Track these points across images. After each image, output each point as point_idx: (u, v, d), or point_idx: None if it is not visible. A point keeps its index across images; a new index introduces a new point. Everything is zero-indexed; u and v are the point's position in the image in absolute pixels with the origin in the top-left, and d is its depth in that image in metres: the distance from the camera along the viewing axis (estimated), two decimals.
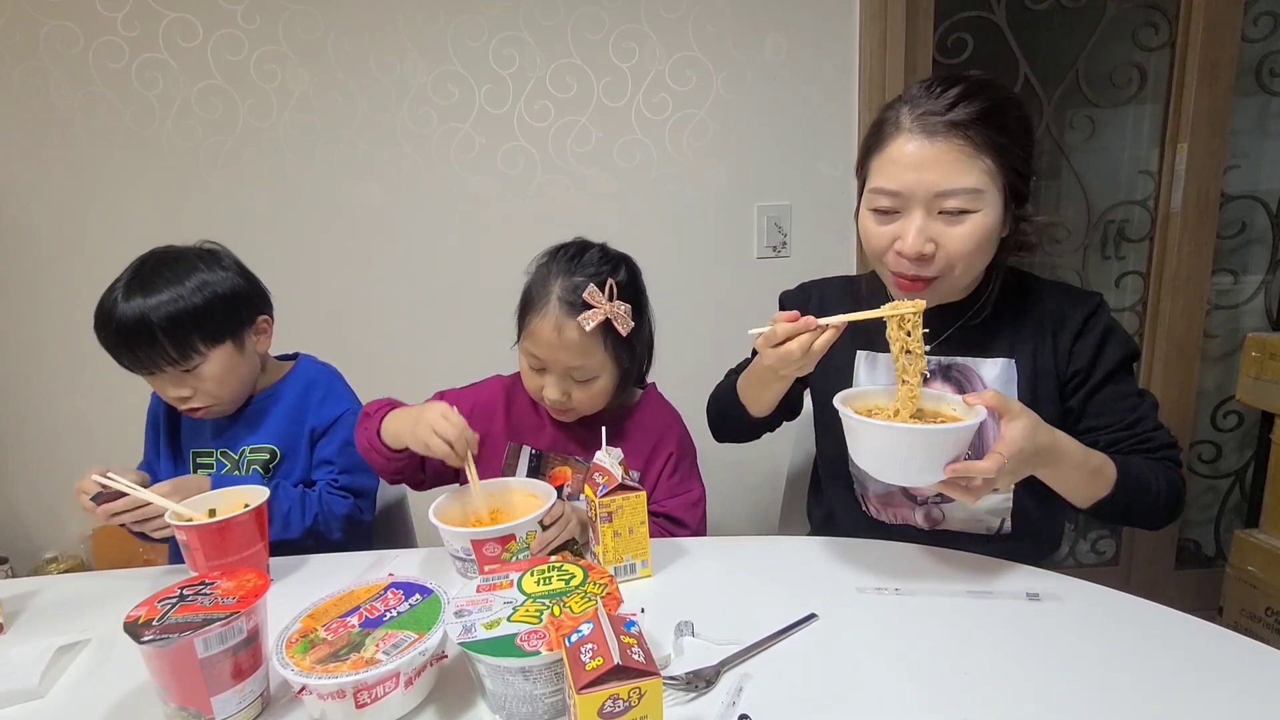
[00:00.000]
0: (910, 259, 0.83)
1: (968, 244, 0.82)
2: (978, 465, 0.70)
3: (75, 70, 1.57)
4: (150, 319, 0.96)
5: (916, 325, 0.78)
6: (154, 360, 0.98)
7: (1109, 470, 0.81)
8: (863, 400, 0.84)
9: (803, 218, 1.73)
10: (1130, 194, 1.83)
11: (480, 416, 1.09)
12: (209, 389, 1.02)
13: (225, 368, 1.03)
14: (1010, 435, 0.72)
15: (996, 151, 0.80)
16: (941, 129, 0.80)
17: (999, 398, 0.73)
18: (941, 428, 0.74)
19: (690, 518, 1.04)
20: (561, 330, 0.94)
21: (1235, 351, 1.85)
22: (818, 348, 0.80)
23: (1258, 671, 0.64)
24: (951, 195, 0.80)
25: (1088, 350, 0.89)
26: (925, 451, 0.73)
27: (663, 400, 1.14)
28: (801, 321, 0.80)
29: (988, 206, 0.81)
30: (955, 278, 0.85)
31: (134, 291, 0.97)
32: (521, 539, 0.83)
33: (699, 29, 1.62)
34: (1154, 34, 1.71)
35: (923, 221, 0.82)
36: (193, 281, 1.00)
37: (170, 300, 0.97)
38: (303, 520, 1.01)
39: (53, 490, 1.76)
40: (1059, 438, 0.77)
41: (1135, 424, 0.88)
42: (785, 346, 0.80)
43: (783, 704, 0.62)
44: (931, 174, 0.80)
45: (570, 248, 1.02)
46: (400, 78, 1.61)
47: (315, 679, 0.57)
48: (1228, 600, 1.65)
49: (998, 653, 0.68)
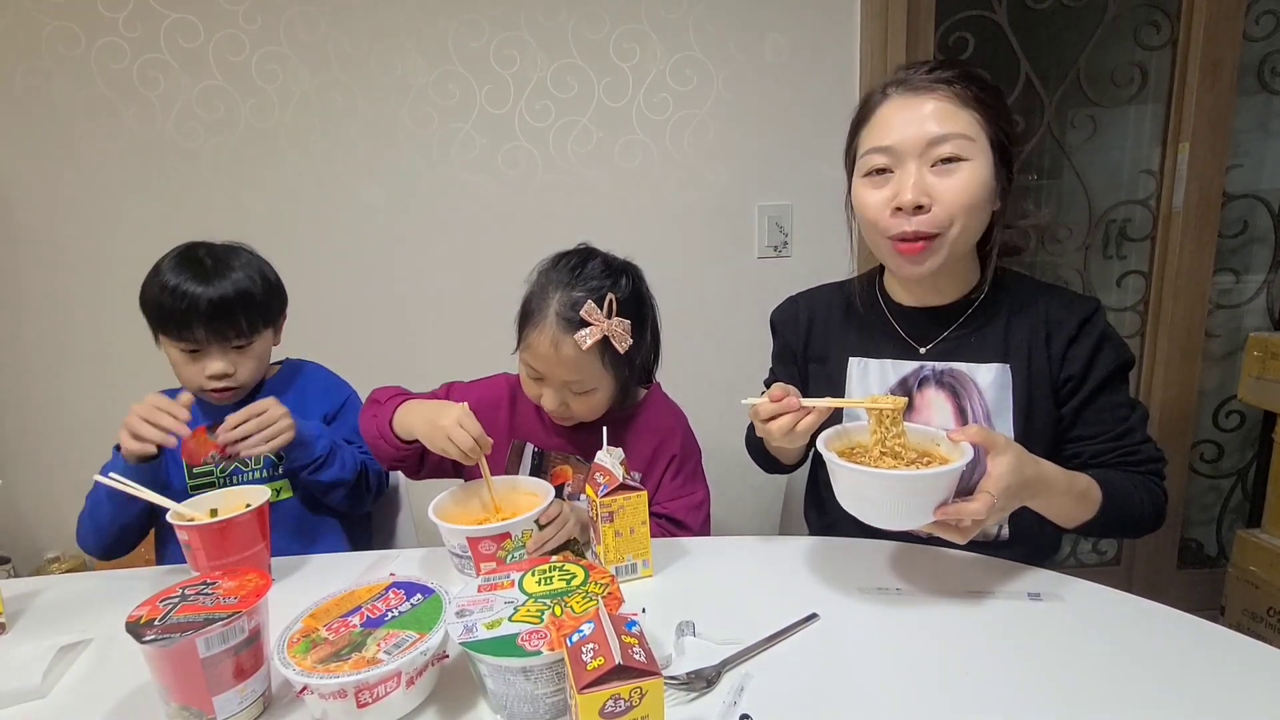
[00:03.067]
0: (909, 211, 0.84)
1: (963, 195, 0.82)
2: (968, 507, 0.70)
3: (77, 71, 1.57)
4: (232, 297, 1.04)
5: (897, 421, 0.77)
6: (224, 334, 1.04)
7: (1094, 493, 0.82)
8: (845, 439, 0.82)
9: (804, 217, 1.73)
10: (1132, 193, 1.83)
11: (485, 413, 1.09)
12: (250, 368, 1.09)
13: (265, 350, 1.12)
14: (997, 472, 0.71)
15: (980, 106, 0.83)
16: (926, 85, 0.84)
17: (983, 432, 0.72)
18: (929, 472, 0.71)
19: (692, 520, 1.04)
20: (558, 346, 0.94)
21: (1237, 351, 1.85)
22: (801, 429, 0.81)
23: (1259, 672, 0.64)
24: (944, 140, 0.82)
25: (1081, 356, 0.89)
26: (913, 496, 0.71)
27: (667, 401, 1.13)
28: (784, 403, 0.81)
29: (979, 156, 0.83)
30: (953, 238, 0.85)
31: (215, 274, 1.04)
32: (517, 537, 0.83)
33: (700, 29, 1.62)
34: (1155, 33, 1.70)
35: (917, 173, 0.83)
36: (253, 268, 1.09)
37: (245, 280, 1.06)
38: (354, 463, 1.11)
39: (55, 490, 1.76)
40: (1044, 468, 0.77)
41: (1123, 435, 0.88)
42: (769, 425, 0.83)
43: (784, 704, 0.62)
44: (922, 124, 0.83)
45: (572, 257, 1.00)
46: (401, 78, 1.62)
47: (317, 679, 0.57)
48: (1230, 600, 1.64)
49: (999, 653, 0.68)
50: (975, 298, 0.93)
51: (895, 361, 0.96)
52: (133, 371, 1.08)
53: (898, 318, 0.98)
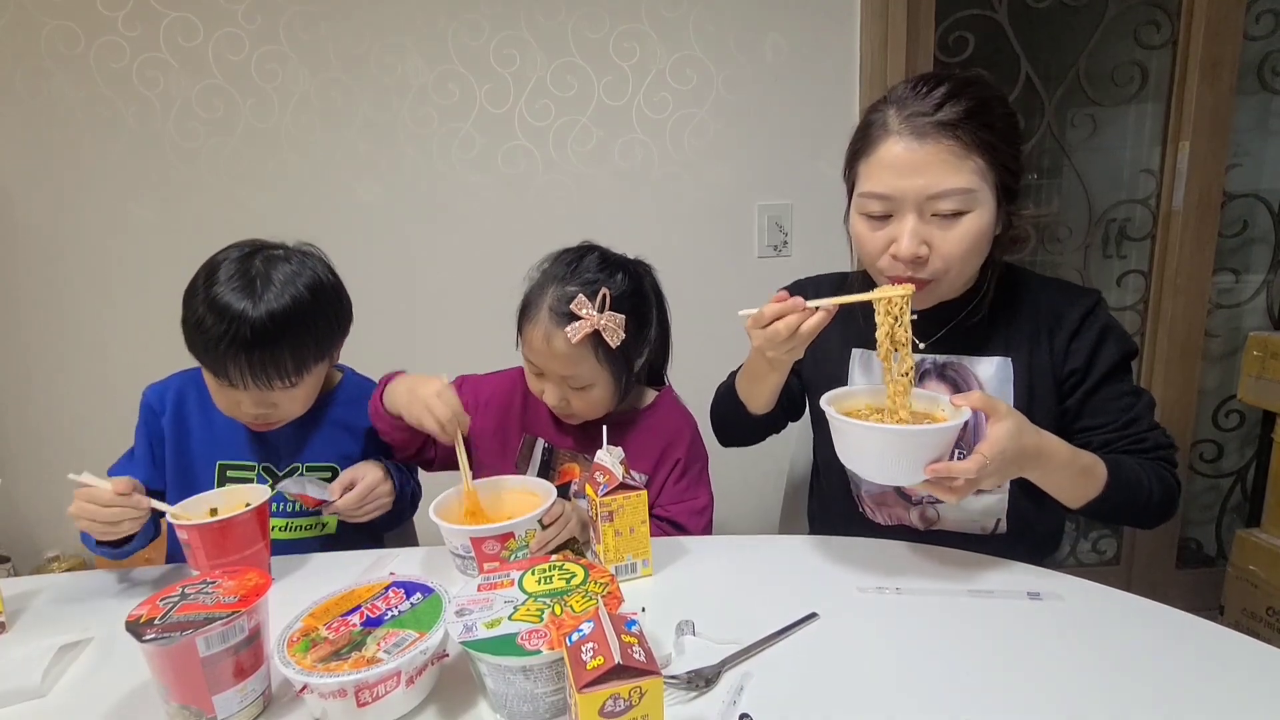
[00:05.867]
0: (905, 262, 0.83)
1: (961, 245, 0.81)
2: (959, 465, 0.71)
3: (76, 70, 1.57)
4: (279, 342, 0.87)
5: (904, 311, 0.78)
6: (268, 380, 0.89)
7: (1099, 470, 0.81)
8: (850, 400, 0.85)
9: (804, 217, 1.73)
10: (1132, 193, 1.83)
11: (497, 406, 1.09)
12: (293, 407, 0.96)
13: (316, 382, 0.97)
14: (994, 435, 0.72)
15: (986, 149, 0.79)
16: (930, 130, 0.79)
17: (985, 399, 0.73)
18: (922, 428, 0.74)
19: (694, 525, 1.04)
20: (550, 340, 0.94)
21: (1237, 351, 1.84)
22: (805, 330, 0.79)
23: (1259, 671, 0.64)
24: (944, 197, 0.80)
25: (1084, 349, 0.89)
26: (907, 451, 0.73)
27: (678, 405, 1.13)
28: (790, 302, 0.79)
29: (980, 206, 0.81)
30: (950, 279, 0.85)
31: (259, 296, 0.87)
32: (521, 537, 0.83)
33: (700, 28, 1.62)
34: (1155, 32, 1.70)
35: (915, 224, 0.81)
36: (312, 290, 0.92)
37: (298, 321, 0.89)
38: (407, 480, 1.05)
39: (54, 489, 1.76)
40: (1046, 439, 0.77)
41: (1130, 424, 0.88)
42: (773, 327, 0.79)
43: (783, 703, 0.62)
44: (922, 177, 0.79)
45: (570, 253, 1.00)
46: (401, 77, 1.62)
47: (316, 678, 0.57)
48: (1229, 600, 1.64)
49: (998, 653, 0.68)
50: (976, 292, 0.93)
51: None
52: (133, 371, 1.08)
53: None
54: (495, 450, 1.09)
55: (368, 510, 0.96)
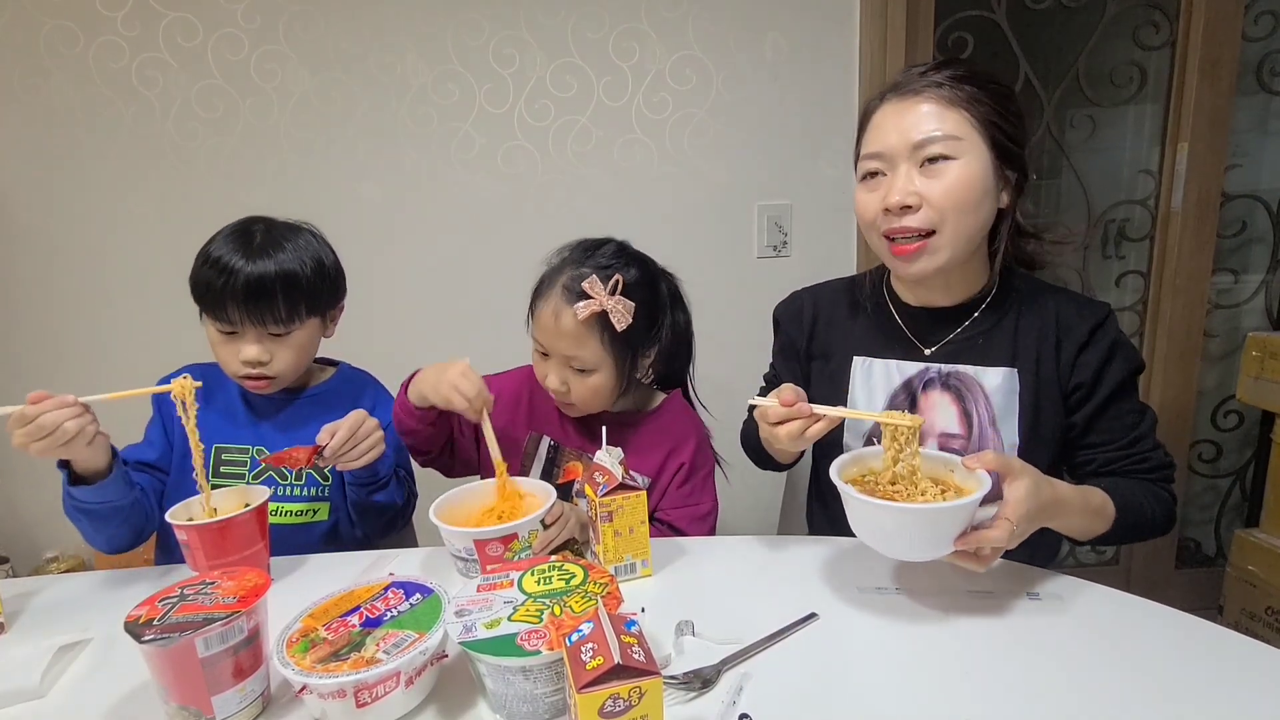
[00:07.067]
0: (896, 211, 0.84)
1: (952, 193, 0.82)
2: (988, 535, 0.69)
3: (76, 70, 1.57)
4: (272, 277, 0.98)
5: (912, 440, 0.75)
6: (260, 316, 0.98)
7: (1109, 509, 0.82)
8: (858, 466, 0.80)
9: (803, 217, 1.73)
10: (1131, 193, 1.83)
11: (505, 403, 1.10)
12: (287, 359, 1.03)
13: (309, 340, 1.06)
14: (1015, 497, 0.70)
15: (973, 104, 0.83)
16: (916, 88, 0.85)
17: (1000, 459, 0.72)
18: (947, 506, 0.69)
19: (695, 531, 1.04)
20: (558, 316, 0.96)
21: (1236, 351, 1.85)
22: (809, 436, 0.80)
23: (1258, 671, 0.64)
24: (929, 142, 0.82)
25: (1093, 363, 0.88)
26: (931, 529, 0.70)
27: (688, 410, 1.13)
28: (795, 409, 0.79)
29: (969, 155, 0.82)
30: (948, 237, 0.84)
31: (259, 251, 0.99)
32: (524, 538, 0.83)
33: (699, 28, 1.62)
34: (1154, 33, 1.71)
35: (906, 175, 0.84)
36: (309, 251, 1.03)
37: (292, 262, 1.00)
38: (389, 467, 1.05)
39: (53, 490, 1.75)
40: (1059, 489, 0.77)
41: (1134, 443, 0.88)
42: (776, 430, 0.81)
43: (783, 704, 0.62)
44: (910, 127, 0.83)
45: (591, 241, 1.03)
46: (400, 77, 1.61)
47: (316, 678, 0.57)
48: (1228, 599, 1.65)
49: (998, 653, 0.68)
50: (983, 298, 0.93)
51: (900, 362, 0.95)
52: (131, 371, 1.07)
53: (904, 317, 0.97)
54: (502, 447, 1.09)
55: (361, 451, 0.96)
